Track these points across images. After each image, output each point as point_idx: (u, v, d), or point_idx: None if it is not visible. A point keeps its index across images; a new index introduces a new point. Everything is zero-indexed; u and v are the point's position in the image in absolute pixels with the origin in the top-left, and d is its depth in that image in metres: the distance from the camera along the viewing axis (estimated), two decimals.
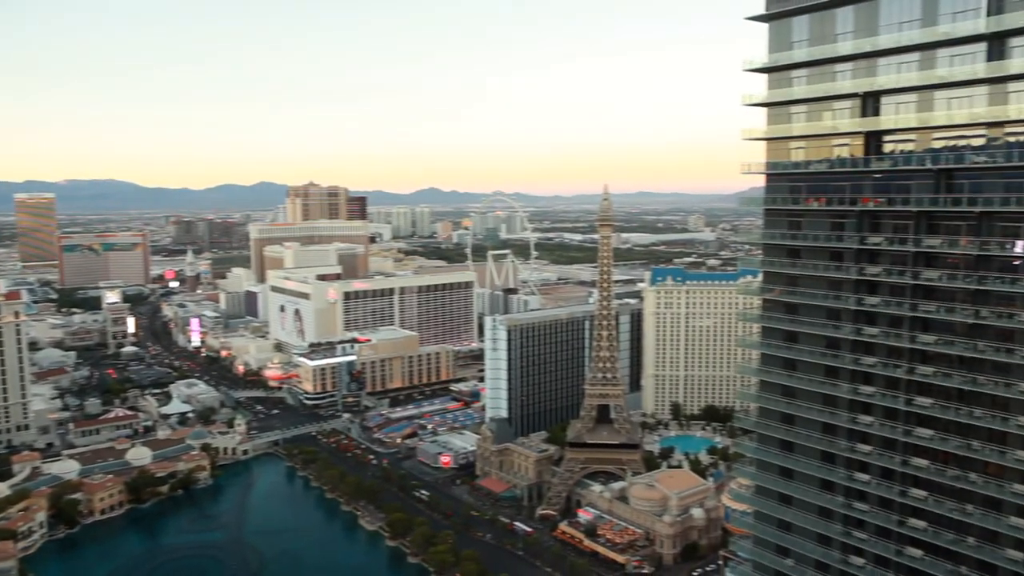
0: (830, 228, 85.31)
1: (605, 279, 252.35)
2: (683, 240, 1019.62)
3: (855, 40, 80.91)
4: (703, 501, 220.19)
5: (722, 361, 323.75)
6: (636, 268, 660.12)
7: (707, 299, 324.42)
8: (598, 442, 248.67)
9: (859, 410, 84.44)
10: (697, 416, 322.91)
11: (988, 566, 75.44)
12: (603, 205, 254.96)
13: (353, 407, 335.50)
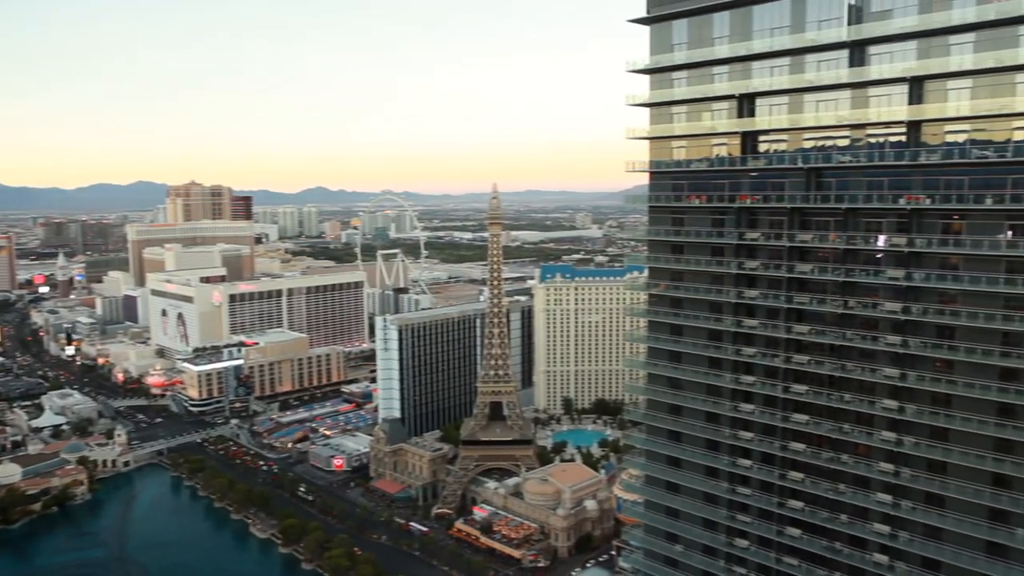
0: (711, 224, 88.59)
1: (495, 277, 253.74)
2: (571, 237, 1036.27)
3: (731, 44, 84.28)
4: (596, 493, 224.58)
5: (611, 355, 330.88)
6: (526, 266, 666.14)
7: (595, 295, 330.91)
8: (492, 439, 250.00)
9: (741, 399, 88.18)
10: (588, 410, 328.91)
11: (859, 540, 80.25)
12: (492, 204, 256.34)
13: (241, 413, 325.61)
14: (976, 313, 70.65)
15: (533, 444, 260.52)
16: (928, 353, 74.00)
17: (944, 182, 71.89)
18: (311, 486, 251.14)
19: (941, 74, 71.56)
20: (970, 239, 70.68)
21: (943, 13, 70.26)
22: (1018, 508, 69.61)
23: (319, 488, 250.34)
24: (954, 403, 72.92)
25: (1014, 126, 68.49)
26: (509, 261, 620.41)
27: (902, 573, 77.09)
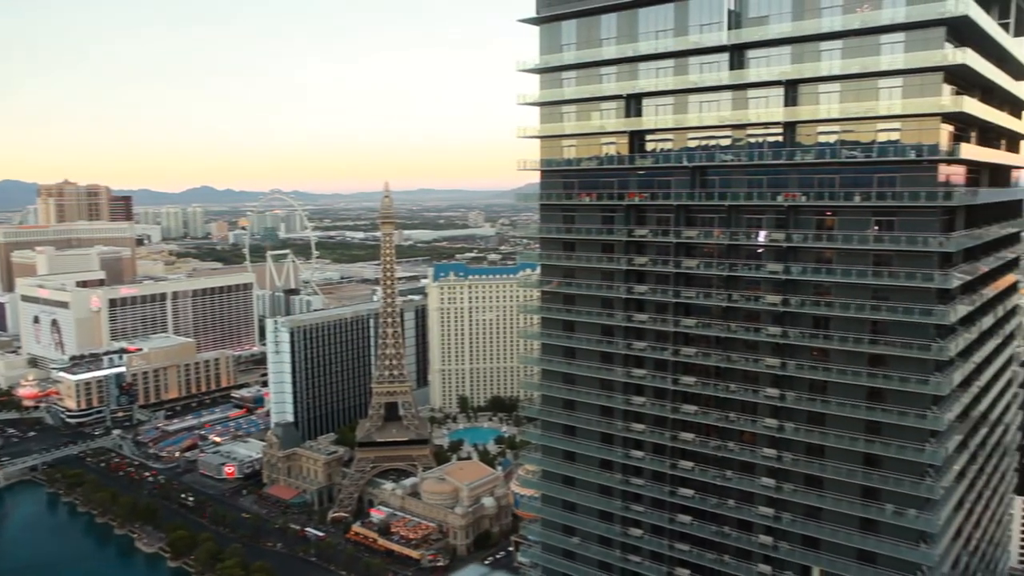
0: (601, 222, 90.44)
1: (388, 277, 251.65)
2: (464, 236, 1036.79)
3: (618, 45, 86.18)
4: (493, 490, 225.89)
5: (506, 353, 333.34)
6: (419, 265, 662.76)
7: (489, 293, 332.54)
8: (388, 440, 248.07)
9: (632, 392, 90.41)
10: (484, 407, 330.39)
11: (745, 523, 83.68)
12: (384, 202, 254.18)
13: (124, 422, 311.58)
14: (848, 304, 74.79)
15: (430, 443, 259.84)
16: (806, 343, 77.76)
17: (817, 180, 75.75)
18: (201, 496, 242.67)
19: (813, 78, 75.30)
20: (841, 234, 74.71)
21: (814, 21, 73.94)
22: (887, 485, 74.14)
23: (210, 497, 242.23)
24: (829, 389, 76.93)
25: (878, 128, 72.87)
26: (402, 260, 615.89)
27: (785, 552, 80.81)
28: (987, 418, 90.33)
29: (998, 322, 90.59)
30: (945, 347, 71.03)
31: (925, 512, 73.01)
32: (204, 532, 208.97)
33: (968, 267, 76.51)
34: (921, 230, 70.70)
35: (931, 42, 68.84)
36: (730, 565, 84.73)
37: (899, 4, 69.62)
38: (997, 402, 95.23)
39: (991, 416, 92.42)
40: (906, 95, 70.88)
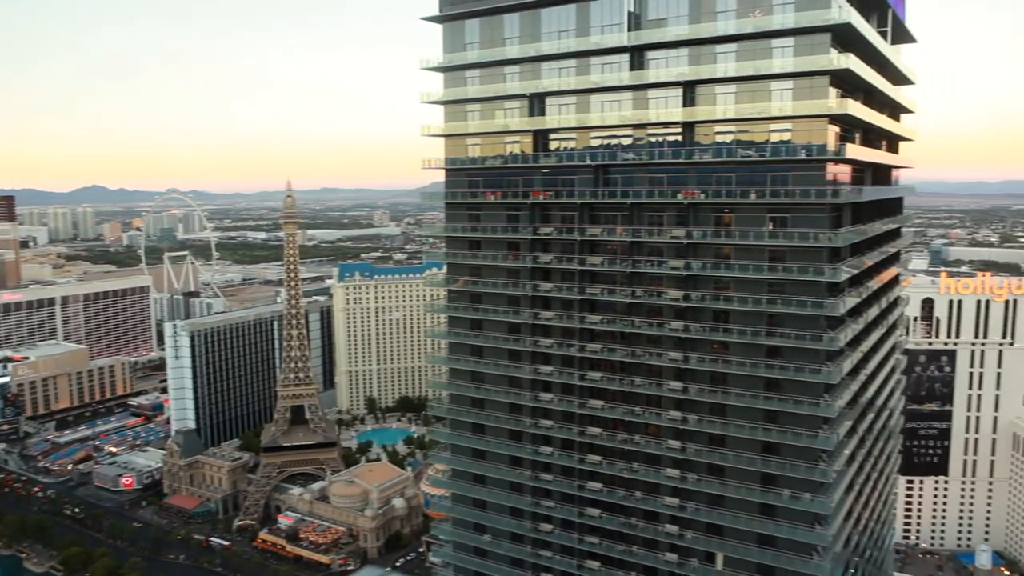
0: (506, 220, 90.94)
1: (292, 277, 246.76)
2: (369, 235, 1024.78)
3: (521, 45, 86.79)
4: (403, 491, 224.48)
5: (413, 352, 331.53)
6: (324, 265, 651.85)
7: (395, 293, 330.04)
8: (294, 444, 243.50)
9: (540, 388, 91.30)
10: (392, 408, 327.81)
11: (652, 514, 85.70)
12: (287, 202, 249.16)
13: (10, 435, 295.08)
14: (745, 298, 77.50)
15: (338, 446, 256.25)
16: (706, 336, 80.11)
17: (715, 179, 78.16)
18: (97, 509, 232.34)
19: (710, 79, 77.64)
20: (739, 231, 77.35)
21: (710, 24, 76.28)
22: (784, 471, 77.21)
23: (106, 511, 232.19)
24: (730, 381, 79.54)
25: (771, 128, 75.75)
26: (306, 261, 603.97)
27: (690, 540, 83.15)
28: (874, 404, 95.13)
29: (882, 313, 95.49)
30: (835, 338, 74.44)
31: (819, 495, 76.34)
32: (100, 547, 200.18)
33: (855, 261, 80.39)
34: (812, 226, 73.86)
35: (818, 47, 72.01)
36: (638, 555, 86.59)
37: (788, 10, 72.54)
38: (882, 388, 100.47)
39: (877, 402, 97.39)
40: (796, 97, 73.92)
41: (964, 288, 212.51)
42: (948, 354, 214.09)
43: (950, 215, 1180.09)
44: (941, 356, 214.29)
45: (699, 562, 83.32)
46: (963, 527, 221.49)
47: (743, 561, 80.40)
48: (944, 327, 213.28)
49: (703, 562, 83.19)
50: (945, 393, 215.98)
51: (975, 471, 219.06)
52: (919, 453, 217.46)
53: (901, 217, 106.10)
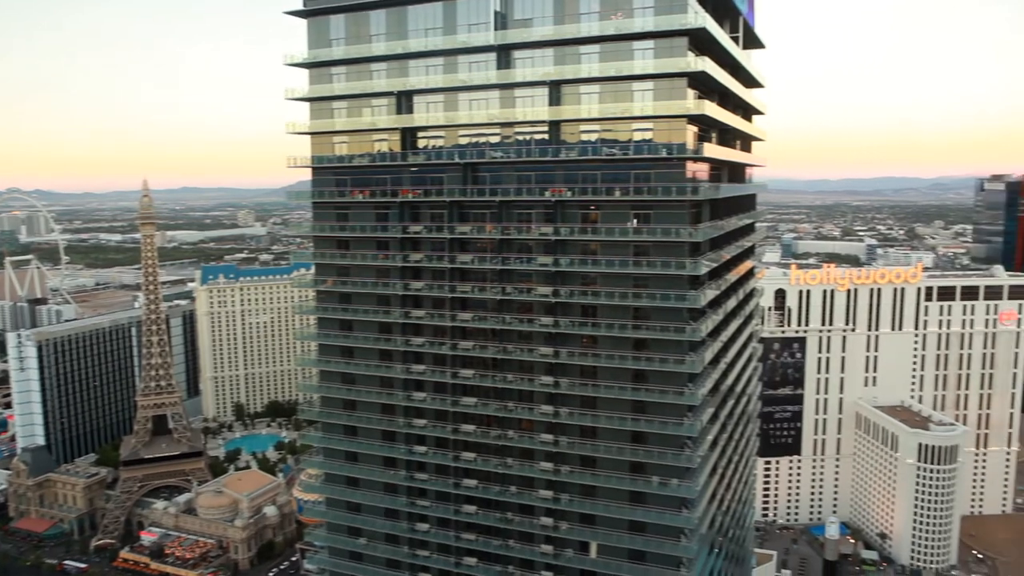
0: (375, 219, 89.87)
1: (151, 281, 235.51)
2: (233, 236, 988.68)
3: (388, 42, 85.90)
4: (275, 498, 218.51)
5: (282, 355, 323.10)
6: (185, 267, 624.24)
7: (262, 295, 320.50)
8: (157, 456, 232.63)
9: (413, 388, 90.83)
10: (262, 414, 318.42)
11: (527, 508, 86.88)
12: (143, 202, 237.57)
13: None
14: (612, 292, 79.75)
15: (204, 455, 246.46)
16: (576, 331, 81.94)
17: (582, 176, 79.97)
18: None
19: (574, 79, 79.33)
20: (604, 227, 79.48)
21: (574, 25, 77.90)
22: (652, 459, 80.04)
23: None
24: (599, 374, 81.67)
25: (633, 128, 78.21)
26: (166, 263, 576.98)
27: (565, 531, 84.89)
28: (733, 390, 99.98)
29: (740, 304, 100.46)
30: (697, 329, 77.73)
31: (685, 480, 79.58)
32: None
33: (714, 255, 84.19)
34: (673, 222, 76.79)
35: (675, 50, 74.88)
36: (515, 549, 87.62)
37: (648, 14, 75.04)
38: (741, 376, 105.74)
39: (736, 388, 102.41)
40: (656, 98, 76.62)
41: (812, 279, 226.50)
42: (799, 341, 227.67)
43: (798, 211, 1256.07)
44: (793, 343, 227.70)
45: (574, 552, 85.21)
46: (815, 502, 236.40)
47: (616, 548, 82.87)
48: (795, 316, 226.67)
49: (578, 552, 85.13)
50: (797, 378, 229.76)
51: (824, 449, 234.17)
52: (775, 435, 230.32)
53: (755, 213, 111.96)
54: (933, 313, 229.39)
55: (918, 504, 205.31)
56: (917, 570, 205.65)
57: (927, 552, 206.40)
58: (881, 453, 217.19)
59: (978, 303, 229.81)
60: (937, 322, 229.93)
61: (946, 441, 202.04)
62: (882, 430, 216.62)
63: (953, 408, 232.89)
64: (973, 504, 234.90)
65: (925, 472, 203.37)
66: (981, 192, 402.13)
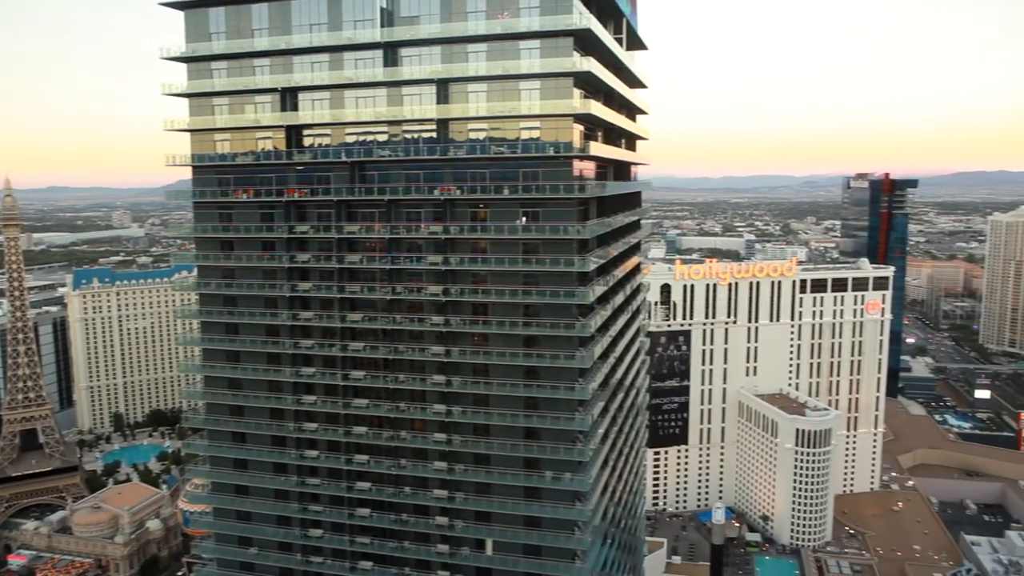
0: (260, 219, 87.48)
1: (16, 287, 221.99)
2: (108, 238, 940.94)
3: (271, 37, 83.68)
4: (159, 511, 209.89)
5: (164, 362, 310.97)
6: (55, 271, 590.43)
7: (141, 299, 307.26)
8: (26, 473, 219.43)
9: (302, 391, 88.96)
10: (143, 423, 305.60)
11: (422, 508, 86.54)
12: (6, 202, 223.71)
13: None
14: (503, 290, 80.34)
15: (80, 470, 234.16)
16: (467, 329, 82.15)
17: (471, 175, 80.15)
18: None
19: (462, 78, 79.41)
20: (494, 225, 79.95)
21: (461, 24, 77.96)
22: (545, 454, 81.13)
23: None
24: (491, 371, 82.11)
25: (521, 126, 78.96)
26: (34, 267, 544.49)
27: (461, 530, 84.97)
28: (623, 384, 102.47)
29: (627, 299, 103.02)
30: (587, 324, 79.26)
31: (578, 474, 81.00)
32: None
33: (602, 252, 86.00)
34: (562, 220, 78.04)
35: (561, 50, 76.05)
36: (410, 550, 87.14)
37: (534, 14, 75.90)
38: (630, 370, 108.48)
39: (626, 382, 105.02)
40: (543, 97, 77.58)
41: (695, 274, 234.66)
42: (684, 334, 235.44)
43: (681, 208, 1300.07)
44: (678, 336, 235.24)
45: (470, 550, 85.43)
46: (702, 489, 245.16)
47: (511, 544, 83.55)
48: (680, 310, 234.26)
49: (474, 549, 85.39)
50: (683, 370, 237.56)
51: (709, 438, 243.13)
52: (663, 426, 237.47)
53: (640, 210, 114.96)
54: (807, 305, 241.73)
55: (796, 486, 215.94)
56: (796, 548, 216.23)
57: (805, 531, 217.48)
58: (762, 439, 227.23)
59: (847, 294, 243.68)
60: (811, 313, 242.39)
61: (820, 425, 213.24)
62: (763, 417, 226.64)
63: (826, 394, 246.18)
64: (845, 483, 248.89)
65: (802, 455, 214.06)
66: (848, 190, 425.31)
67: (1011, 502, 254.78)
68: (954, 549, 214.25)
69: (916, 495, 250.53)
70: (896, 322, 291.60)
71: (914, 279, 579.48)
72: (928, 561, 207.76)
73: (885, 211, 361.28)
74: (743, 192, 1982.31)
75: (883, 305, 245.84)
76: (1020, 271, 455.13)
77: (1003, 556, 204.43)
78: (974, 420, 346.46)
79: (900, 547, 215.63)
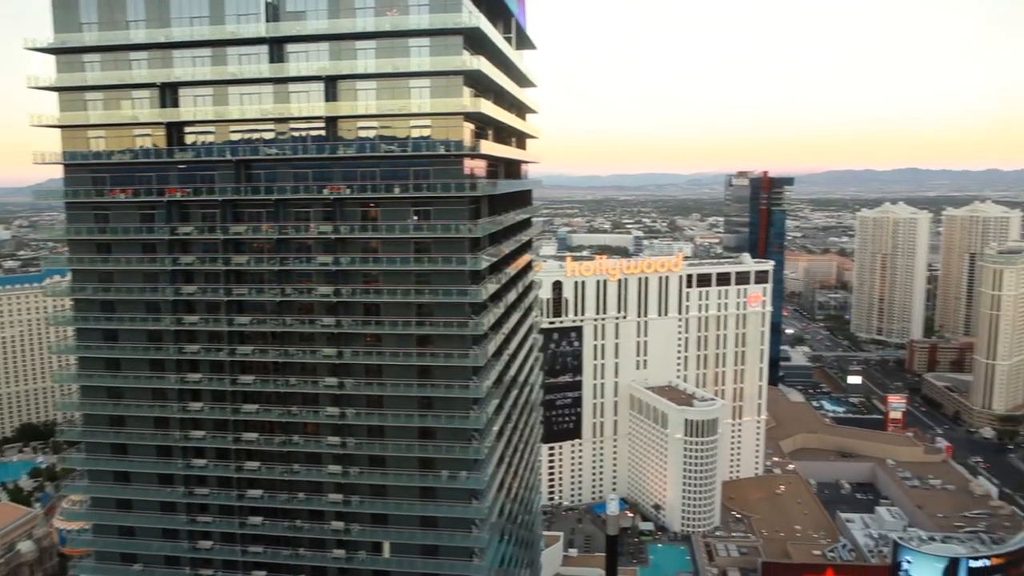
0: (140, 220, 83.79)
1: None
2: None
3: (148, 29, 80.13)
4: (31, 531, 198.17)
5: (35, 372, 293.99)
6: None
7: (8, 306, 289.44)
8: None
9: (189, 398, 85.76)
10: (12, 438, 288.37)
11: (317, 513, 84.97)
12: None
13: None
14: (395, 290, 79.77)
15: None
16: (359, 330, 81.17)
17: (360, 173, 79.14)
18: None
19: (351, 75, 78.24)
20: (385, 224, 79.26)
21: (349, 20, 76.74)
22: (441, 454, 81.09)
23: None
24: (384, 372, 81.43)
25: (412, 125, 78.49)
26: None
27: (357, 533, 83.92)
28: (517, 381, 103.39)
29: (519, 296, 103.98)
30: (480, 322, 79.60)
31: (474, 472, 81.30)
32: None
33: (494, 250, 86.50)
34: (453, 218, 78.09)
35: (451, 48, 76.03)
36: (306, 557, 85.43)
37: (423, 12, 75.55)
38: (523, 366, 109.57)
39: (520, 379, 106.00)
40: (434, 95, 77.36)
41: (586, 271, 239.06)
42: (576, 330, 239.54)
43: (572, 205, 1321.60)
44: (571, 332, 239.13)
45: (367, 554, 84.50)
46: (596, 482, 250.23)
47: (408, 545, 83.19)
48: (572, 306, 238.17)
49: (371, 553, 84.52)
50: (575, 365, 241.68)
51: (603, 431, 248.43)
52: (557, 421, 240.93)
53: (531, 208, 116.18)
54: (694, 299, 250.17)
55: (686, 474, 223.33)
56: (687, 535, 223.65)
57: (695, 518, 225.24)
58: (653, 431, 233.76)
59: (730, 288, 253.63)
60: (697, 307, 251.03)
61: (708, 415, 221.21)
62: (653, 409, 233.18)
63: (713, 384, 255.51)
64: (731, 470, 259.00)
65: (691, 445, 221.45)
66: (730, 187, 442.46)
67: (880, 480, 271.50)
68: (831, 527, 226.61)
69: (796, 478, 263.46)
70: (776, 314, 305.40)
71: (792, 272, 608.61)
72: (808, 540, 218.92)
73: (764, 208, 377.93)
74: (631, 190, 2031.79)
75: (764, 298, 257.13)
76: (886, 264, 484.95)
77: (873, 531, 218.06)
78: (847, 405, 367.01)
79: (783, 528, 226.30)
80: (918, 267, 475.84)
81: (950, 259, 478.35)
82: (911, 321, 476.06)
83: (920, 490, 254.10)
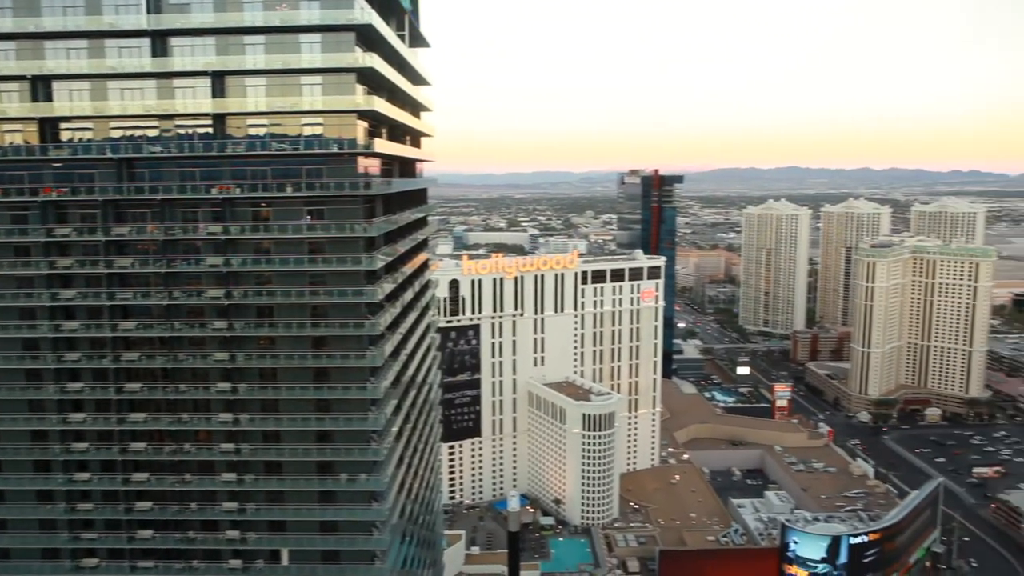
0: (12, 221, 78.91)
1: None
2: None
3: (16, 18, 75.55)
4: None
5: None
6: None
7: None
8: None
9: (69, 409, 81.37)
10: None
11: (212, 524, 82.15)
12: None
13: None
14: (289, 291, 78.00)
15: None
16: (252, 333, 78.96)
17: (251, 172, 76.89)
18: None
19: (239, 71, 75.88)
20: (277, 224, 77.38)
21: (236, 14, 74.32)
22: (339, 456, 79.90)
23: None
24: (279, 375, 79.54)
25: (303, 123, 76.85)
26: None
27: (254, 542, 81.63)
28: (415, 381, 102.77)
29: (416, 296, 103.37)
30: (376, 323, 78.76)
31: (373, 474, 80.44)
32: None
33: (389, 249, 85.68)
34: (347, 218, 76.93)
35: (343, 45, 74.81)
36: (200, 569, 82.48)
37: (314, 7, 74.06)
38: (421, 366, 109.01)
39: (418, 379, 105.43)
40: (326, 92, 75.98)
41: (483, 269, 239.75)
42: (474, 328, 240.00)
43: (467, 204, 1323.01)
44: (468, 331, 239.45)
45: (265, 562, 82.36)
46: (497, 479, 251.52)
47: (308, 551, 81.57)
48: (469, 305, 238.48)
49: (269, 561, 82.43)
50: (474, 363, 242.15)
51: (502, 429, 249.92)
52: (456, 420, 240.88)
53: (427, 207, 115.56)
54: (589, 295, 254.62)
55: (585, 468, 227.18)
56: (587, 527, 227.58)
57: (594, 510, 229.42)
58: (552, 426, 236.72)
59: (624, 284, 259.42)
60: (592, 303, 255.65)
61: (605, 409, 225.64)
62: (551, 405, 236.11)
63: (609, 379, 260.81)
64: (629, 462, 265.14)
65: (589, 439, 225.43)
66: (622, 185, 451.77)
67: (768, 466, 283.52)
68: (724, 513, 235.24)
69: (691, 467, 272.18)
70: (668, 308, 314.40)
71: (683, 268, 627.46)
72: (703, 526, 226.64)
73: (656, 205, 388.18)
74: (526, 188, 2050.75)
75: (657, 293, 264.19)
76: (770, 258, 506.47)
77: (763, 515, 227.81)
78: (737, 395, 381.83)
79: (679, 516, 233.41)
80: (800, 261, 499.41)
81: (828, 253, 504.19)
82: (794, 313, 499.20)
83: (805, 473, 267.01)
